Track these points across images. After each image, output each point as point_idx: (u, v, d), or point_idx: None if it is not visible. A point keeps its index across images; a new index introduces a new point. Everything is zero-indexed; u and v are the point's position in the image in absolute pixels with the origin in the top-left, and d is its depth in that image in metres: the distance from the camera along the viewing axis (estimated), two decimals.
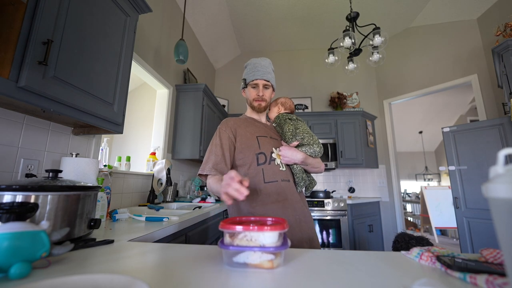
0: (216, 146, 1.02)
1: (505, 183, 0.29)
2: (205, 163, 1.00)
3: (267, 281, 0.45)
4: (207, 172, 0.98)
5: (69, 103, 0.93)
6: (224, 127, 1.07)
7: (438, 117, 6.12)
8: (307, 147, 1.06)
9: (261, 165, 1.01)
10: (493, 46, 2.19)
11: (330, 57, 2.44)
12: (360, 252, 0.64)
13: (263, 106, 1.12)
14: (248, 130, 1.08)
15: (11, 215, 0.51)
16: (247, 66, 1.16)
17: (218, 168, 0.98)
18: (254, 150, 1.03)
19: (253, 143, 1.04)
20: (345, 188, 3.60)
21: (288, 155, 1.03)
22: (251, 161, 1.02)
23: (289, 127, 1.07)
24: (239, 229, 0.52)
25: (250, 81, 1.10)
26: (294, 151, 1.04)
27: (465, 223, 2.41)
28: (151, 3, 2.04)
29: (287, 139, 1.07)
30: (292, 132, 1.06)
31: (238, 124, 1.09)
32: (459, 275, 0.46)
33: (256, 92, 1.10)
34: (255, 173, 1.01)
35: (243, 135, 1.06)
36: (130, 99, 2.77)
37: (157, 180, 1.98)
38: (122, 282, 0.39)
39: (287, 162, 1.05)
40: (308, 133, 1.09)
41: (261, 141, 1.06)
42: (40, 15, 0.81)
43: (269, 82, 1.11)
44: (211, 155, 1.01)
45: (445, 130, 2.66)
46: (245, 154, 1.03)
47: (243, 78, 1.14)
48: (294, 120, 1.13)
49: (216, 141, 1.04)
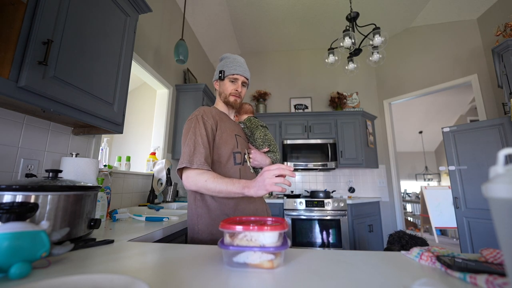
0: (202, 137, 0.92)
1: (505, 183, 0.29)
2: (192, 155, 0.88)
3: (267, 281, 0.45)
4: (199, 166, 0.87)
5: (69, 103, 0.93)
6: (206, 117, 0.98)
7: (438, 117, 6.11)
8: (272, 154, 1.12)
9: (238, 165, 0.99)
10: (493, 46, 2.19)
11: (330, 57, 2.44)
12: (360, 252, 0.64)
13: (238, 102, 1.08)
14: (227, 126, 1.03)
15: (11, 215, 0.51)
16: (224, 58, 1.12)
17: (208, 161, 0.91)
18: (232, 147, 0.99)
19: (231, 141, 1.00)
20: (345, 188, 3.60)
21: (258, 159, 1.06)
22: (228, 158, 0.97)
23: (260, 134, 1.10)
24: (239, 229, 0.52)
25: (229, 74, 1.05)
26: (264, 156, 1.08)
27: (465, 223, 2.41)
28: (151, 3, 2.04)
29: (257, 144, 1.10)
30: (262, 139, 1.10)
31: (220, 117, 1.04)
32: (459, 275, 0.46)
33: (235, 87, 1.06)
34: (231, 172, 0.97)
35: (224, 130, 1.00)
36: (130, 99, 2.77)
37: (157, 180, 1.98)
38: (122, 282, 0.39)
39: (255, 166, 1.07)
40: (273, 141, 1.15)
41: (238, 140, 1.03)
42: (40, 15, 0.81)
43: (247, 81, 1.10)
44: (199, 147, 0.90)
45: (445, 130, 2.66)
46: (222, 151, 0.97)
47: (220, 70, 1.07)
48: (264, 127, 1.17)
49: (201, 130, 0.93)
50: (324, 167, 3.25)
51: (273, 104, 3.99)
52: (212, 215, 0.93)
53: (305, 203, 2.85)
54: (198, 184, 0.87)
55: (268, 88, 4.01)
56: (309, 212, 2.83)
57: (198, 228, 0.94)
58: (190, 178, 0.88)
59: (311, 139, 3.36)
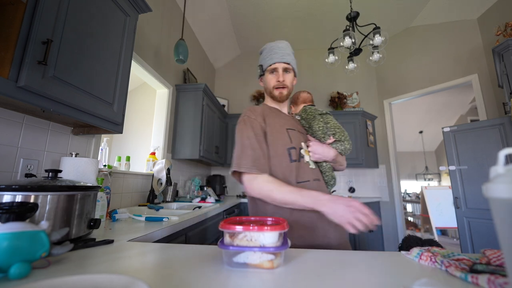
0: (250, 138, 0.86)
1: (506, 183, 0.29)
2: (239, 158, 0.83)
3: (267, 281, 0.45)
4: (246, 170, 0.81)
5: (69, 103, 0.93)
6: (253, 115, 0.91)
7: (438, 117, 6.11)
8: (338, 144, 0.97)
9: (294, 162, 0.89)
10: (493, 46, 2.19)
11: (330, 57, 2.44)
12: (360, 252, 0.64)
13: (285, 95, 0.97)
14: (277, 121, 0.94)
15: (10, 215, 0.51)
16: (262, 51, 1.02)
17: (258, 164, 0.83)
18: (285, 144, 0.90)
19: (283, 136, 0.91)
20: (345, 188, 3.60)
21: (319, 152, 0.93)
22: (282, 156, 0.89)
23: (319, 124, 0.97)
24: (239, 229, 0.52)
25: (267, 66, 0.96)
26: (326, 147, 0.94)
27: (466, 223, 2.40)
28: (151, 3, 2.04)
29: (318, 137, 0.97)
30: (323, 130, 0.96)
31: (266, 112, 0.95)
32: (460, 274, 0.46)
33: (276, 77, 0.96)
34: (288, 171, 0.87)
35: (273, 126, 0.92)
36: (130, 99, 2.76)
37: (157, 180, 1.98)
38: (122, 282, 0.39)
39: (317, 159, 0.95)
40: (339, 128, 0.99)
41: (292, 135, 0.93)
42: (39, 14, 0.81)
43: (290, 64, 0.97)
44: (246, 149, 0.84)
45: (445, 130, 2.66)
46: (275, 148, 0.89)
47: (259, 65, 1.00)
48: (324, 114, 1.02)
49: (248, 132, 0.87)
50: None
51: None
52: None
53: None
54: (262, 192, 0.81)
55: None
56: None
57: None
58: (253, 184, 0.82)
59: None
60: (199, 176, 3.16)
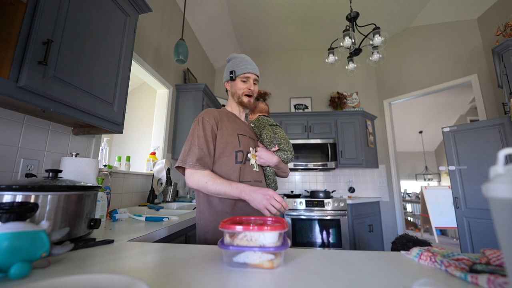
0: (199, 138, 0.96)
1: (505, 183, 0.29)
2: (186, 155, 0.94)
3: (267, 281, 0.45)
4: (190, 165, 0.92)
5: (69, 103, 0.93)
6: (207, 118, 1.01)
7: (438, 117, 6.11)
8: (282, 153, 1.10)
9: (238, 164, 1.00)
10: (493, 46, 2.19)
11: (330, 57, 2.44)
12: (360, 252, 0.64)
13: (252, 102, 1.10)
14: (229, 126, 1.04)
15: (11, 215, 0.51)
16: (232, 59, 1.12)
17: (202, 162, 0.94)
18: (233, 147, 1.01)
19: (233, 140, 1.02)
20: (345, 188, 3.60)
21: (264, 157, 1.07)
22: (229, 157, 1.00)
23: (267, 133, 1.10)
24: (239, 229, 0.52)
25: (240, 74, 1.06)
26: (270, 153, 1.08)
27: (465, 223, 2.41)
28: (151, 3, 2.04)
29: (265, 143, 1.10)
30: (269, 138, 1.09)
31: (221, 117, 1.05)
32: (459, 274, 0.46)
33: (247, 86, 1.06)
34: (232, 170, 0.99)
35: (225, 130, 1.02)
36: (130, 99, 2.77)
37: (157, 180, 1.98)
38: (122, 282, 0.39)
39: (261, 164, 1.08)
40: (285, 139, 1.12)
41: (241, 139, 1.04)
42: (40, 15, 0.81)
43: (258, 78, 1.10)
44: (194, 147, 0.95)
45: (445, 130, 2.66)
46: (223, 149, 1.00)
47: (230, 70, 1.08)
48: (274, 126, 1.16)
49: (199, 132, 0.97)
50: (324, 167, 3.25)
51: (273, 104, 3.99)
52: (213, 212, 0.97)
53: (305, 203, 2.85)
54: (199, 184, 0.92)
55: (268, 88, 4.02)
56: (309, 212, 2.83)
57: (201, 224, 0.99)
58: (192, 177, 0.93)
59: (311, 139, 3.36)
60: None
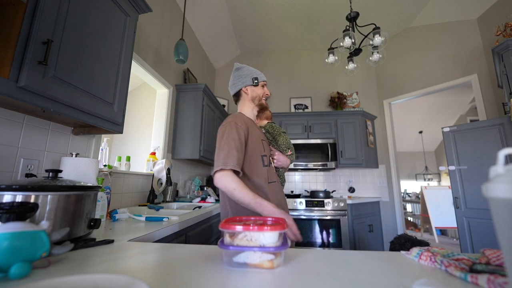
0: (235, 141, 1.00)
1: (505, 183, 0.29)
2: (227, 157, 0.95)
3: (267, 281, 0.45)
4: (232, 167, 0.94)
5: (69, 103, 0.93)
6: (240, 123, 1.06)
7: (438, 117, 6.11)
8: (292, 156, 1.31)
9: (265, 167, 1.09)
10: (493, 46, 2.19)
11: (330, 57, 2.43)
12: (360, 252, 0.64)
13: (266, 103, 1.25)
14: (255, 132, 1.13)
15: (11, 215, 0.51)
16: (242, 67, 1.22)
17: (239, 165, 0.98)
18: (259, 151, 1.09)
19: (259, 145, 1.11)
20: (345, 188, 3.60)
21: (281, 160, 1.24)
22: (257, 161, 1.07)
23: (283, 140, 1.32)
24: (239, 229, 0.52)
25: (262, 80, 1.20)
26: (285, 157, 1.26)
27: (465, 223, 2.41)
28: (151, 3, 2.04)
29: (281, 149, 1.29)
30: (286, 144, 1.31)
31: (249, 124, 1.13)
32: (459, 274, 0.46)
33: (265, 91, 1.21)
34: (261, 173, 1.07)
35: (252, 136, 1.10)
36: (130, 99, 2.77)
37: (157, 180, 1.98)
38: (122, 282, 0.39)
39: (278, 166, 1.24)
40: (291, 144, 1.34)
41: (264, 145, 1.14)
42: (40, 15, 0.81)
43: None
44: (233, 150, 0.97)
45: (445, 130, 2.66)
46: (252, 154, 1.07)
47: (253, 77, 1.18)
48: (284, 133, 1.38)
49: (234, 135, 1.01)
50: (324, 167, 3.25)
51: (273, 104, 3.99)
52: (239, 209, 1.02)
53: (305, 203, 2.85)
54: (227, 187, 0.94)
55: (268, 88, 4.00)
56: (309, 212, 2.83)
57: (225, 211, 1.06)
58: (223, 179, 0.94)
59: (311, 139, 3.36)
60: (199, 176, 3.16)
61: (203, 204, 2.06)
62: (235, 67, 1.24)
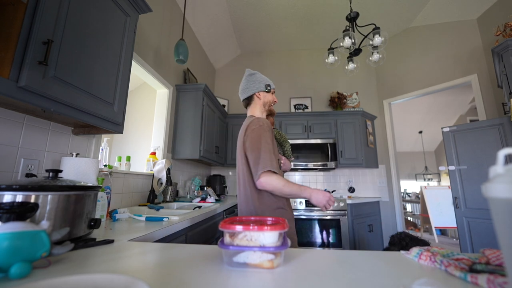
0: (270, 144, 1.12)
1: (505, 183, 0.29)
2: (269, 160, 1.05)
3: (267, 281, 0.46)
4: (275, 169, 1.05)
5: (69, 103, 0.93)
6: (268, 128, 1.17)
7: (438, 117, 6.11)
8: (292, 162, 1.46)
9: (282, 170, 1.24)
10: (493, 46, 2.19)
11: (330, 57, 2.43)
12: (360, 252, 0.64)
13: None
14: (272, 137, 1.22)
15: (11, 215, 0.51)
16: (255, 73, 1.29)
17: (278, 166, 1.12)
18: (277, 156, 1.18)
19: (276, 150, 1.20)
20: (345, 188, 3.60)
21: (286, 165, 1.41)
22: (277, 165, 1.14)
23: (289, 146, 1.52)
24: (239, 229, 0.52)
25: (273, 88, 1.29)
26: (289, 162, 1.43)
27: (465, 223, 2.41)
28: (151, 3, 2.04)
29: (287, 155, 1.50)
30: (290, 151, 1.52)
31: None
32: (459, 274, 0.46)
33: (274, 97, 1.31)
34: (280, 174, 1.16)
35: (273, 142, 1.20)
36: (130, 99, 2.77)
37: (157, 180, 1.98)
38: (122, 282, 0.39)
39: (283, 169, 1.37)
40: None
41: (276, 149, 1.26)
42: (40, 15, 0.81)
43: None
44: (272, 155, 1.08)
45: (445, 130, 2.66)
46: None
47: (267, 84, 1.27)
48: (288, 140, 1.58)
49: (269, 139, 1.12)
50: (324, 167, 3.25)
51: None
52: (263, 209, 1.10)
53: (305, 203, 2.85)
54: (276, 186, 1.03)
55: None
56: (309, 212, 2.83)
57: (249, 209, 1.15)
58: (271, 180, 1.03)
59: (311, 139, 3.36)
60: (199, 176, 3.16)
61: (203, 204, 2.06)
62: (248, 72, 1.31)
